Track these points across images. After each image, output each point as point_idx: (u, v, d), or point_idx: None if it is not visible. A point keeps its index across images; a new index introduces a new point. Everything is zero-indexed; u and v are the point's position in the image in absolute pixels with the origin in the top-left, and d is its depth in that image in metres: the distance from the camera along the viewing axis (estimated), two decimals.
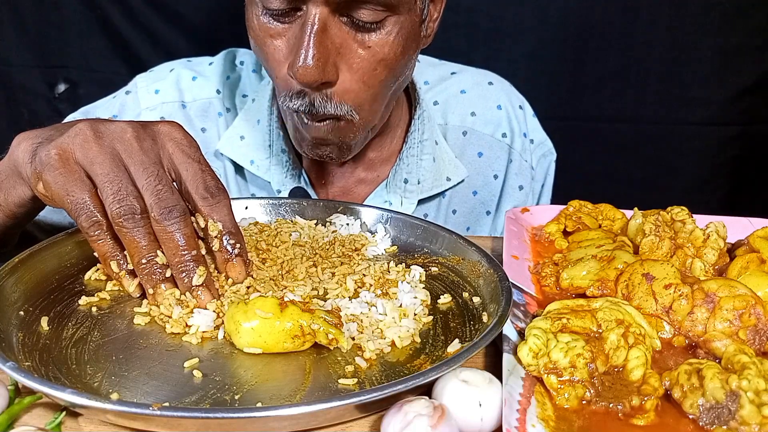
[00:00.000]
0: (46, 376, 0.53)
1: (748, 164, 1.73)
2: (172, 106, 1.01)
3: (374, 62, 0.78)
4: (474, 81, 1.09)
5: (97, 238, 0.61)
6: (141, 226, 0.60)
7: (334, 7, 0.74)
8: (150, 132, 0.63)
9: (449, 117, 1.06)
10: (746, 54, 1.62)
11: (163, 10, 1.60)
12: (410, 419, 0.46)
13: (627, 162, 1.74)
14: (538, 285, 0.71)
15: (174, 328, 0.60)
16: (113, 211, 0.59)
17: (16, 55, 1.66)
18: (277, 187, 0.98)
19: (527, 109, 1.11)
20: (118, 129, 0.62)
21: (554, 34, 1.61)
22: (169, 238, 0.60)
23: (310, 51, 0.73)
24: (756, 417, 0.48)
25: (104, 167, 0.60)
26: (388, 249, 0.79)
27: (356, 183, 1.01)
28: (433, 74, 1.08)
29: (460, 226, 1.06)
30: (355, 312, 0.62)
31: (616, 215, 0.83)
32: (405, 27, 0.79)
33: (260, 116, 0.98)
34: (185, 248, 0.61)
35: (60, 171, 0.60)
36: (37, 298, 0.64)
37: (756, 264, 0.68)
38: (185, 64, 1.06)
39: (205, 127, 1.02)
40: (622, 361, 0.54)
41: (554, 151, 1.13)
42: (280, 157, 0.97)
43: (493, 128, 1.07)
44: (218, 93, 1.02)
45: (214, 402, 0.51)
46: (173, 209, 0.60)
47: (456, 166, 1.03)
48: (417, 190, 1.00)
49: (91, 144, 0.60)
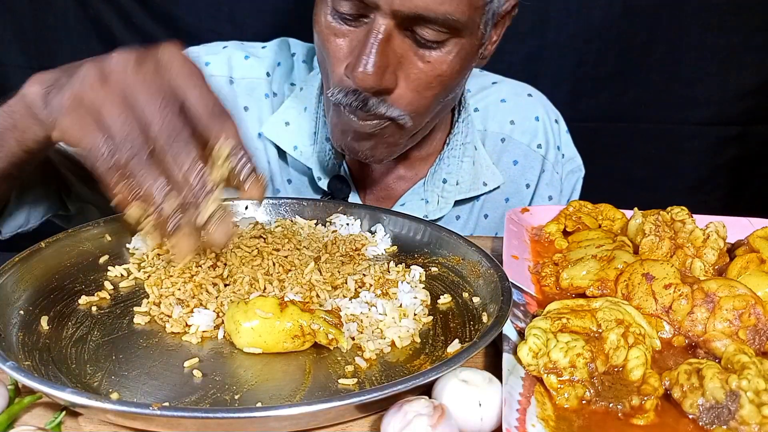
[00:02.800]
0: (46, 375, 0.53)
1: (748, 164, 1.73)
2: (220, 80, 1.03)
3: (431, 76, 0.81)
4: (514, 91, 1.12)
5: (112, 182, 0.59)
6: (152, 164, 0.58)
7: (400, 21, 0.76)
8: (152, 59, 0.62)
9: (489, 124, 1.08)
10: (746, 54, 1.62)
11: (156, 11, 1.60)
12: (410, 419, 0.46)
13: (627, 162, 1.74)
14: (538, 285, 0.71)
15: (174, 328, 0.60)
16: (123, 152, 0.58)
17: (10, 55, 1.66)
18: (317, 174, 0.99)
19: (562, 125, 1.14)
20: (120, 63, 0.61)
21: (554, 35, 1.61)
22: (176, 161, 0.58)
23: (371, 58, 0.76)
24: (756, 417, 0.48)
25: (111, 108, 0.59)
26: (388, 249, 0.79)
27: (395, 179, 1.03)
28: (474, 83, 1.10)
29: (489, 231, 1.08)
30: (355, 312, 0.62)
31: (616, 215, 0.83)
32: (465, 48, 0.81)
33: (308, 104, 1.01)
34: (192, 169, 0.58)
35: (71, 117, 0.60)
36: (37, 298, 0.64)
37: (756, 264, 0.68)
38: (239, 45, 1.08)
39: (248, 106, 1.03)
40: (622, 361, 0.54)
41: (583, 168, 1.15)
42: (323, 145, 0.99)
43: (529, 138, 1.09)
44: (267, 76, 1.04)
45: (214, 402, 0.51)
46: (179, 133, 0.58)
47: (493, 173, 1.05)
48: (455, 191, 1.02)
49: (97, 86, 0.60)
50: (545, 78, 1.62)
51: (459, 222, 1.05)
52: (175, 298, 0.63)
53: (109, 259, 0.73)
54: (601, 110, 1.68)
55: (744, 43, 1.61)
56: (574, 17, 1.59)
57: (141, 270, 0.70)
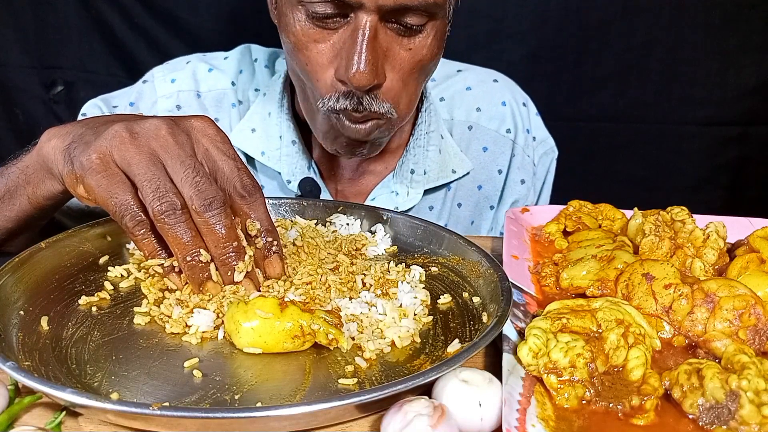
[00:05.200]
0: (46, 375, 0.53)
1: (748, 164, 1.73)
2: (188, 95, 1.04)
3: (413, 63, 0.82)
4: (479, 78, 1.12)
5: (143, 237, 0.62)
6: (183, 221, 0.60)
7: (383, 15, 0.77)
8: (184, 127, 0.64)
9: (455, 112, 1.08)
10: (746, 54, 1.62)
11: (159, 11, 1.60)
12: (410, 419, 0.46)
13: (627, 162, 1.74)
14: (538, 285, 0.71)
15: (174, 328, 0.60)
16: (154, 208, 0.59)
17: (11, 55, 1.65)
18: (287, 177, 1.00)
19: (531, 107, 1.13)
20: (152, 126, 0.63)
21: (554, 35, 1.61)
22: (211, 230, 0.61)
23: (364, 57, 0.77)
24: (756, 417, 0.48)
25: (142, 167, 0.60)
26: (388, 249, 0.79)
27: (365, 174, 1.04)
28: (439, 72, 1.10)
29: (464, 220, 1.08)
30: (355, 312, 0.62)
31: (616, 215, 0.83)
32: (440, 30, 0.83)
33: (271, 109, 1.01)
34: (227, 240, 0.61)
35: (102, 175, 0.61)
36: (37, 298, 0.64)
37: (756, 264, 0.68)
38: (201, 57, 1.09)
39: (218, 117, 1.05)
40: (622, 361, 0.54)
41: (556, 149, 1.14)
42: (290, 148, 1.00)
43: (497, 124, 1.09)
44: (233, 85, 1.06)
45: (214, 402, 0.51)
46: (213, 200, 0.60)
47: (461, 160, 1.06)
48: (423, 180, 1.02)
49: (128, 145, 0.61)
50: (544, 77, 1.62)
51: (433, 212, 1.06)
52: (175, 299, 0.63)
53: (109, 259, 0.73)
54: (600, 110, 1.68)
55: (744, 43, 1.61)
56: (574, 17, 1.59)
57: (141, 270, 0.70)
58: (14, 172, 0.73)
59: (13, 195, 0.73)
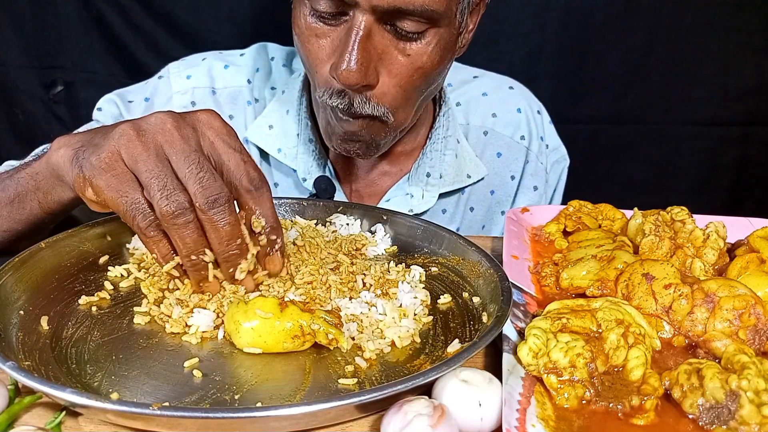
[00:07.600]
0: (46, 375, 0.53)
1: (748, 164, 1.73)
2: (203, 92, 1.05)
3: (412, 69, 0.82)
4: (495, 85, 1.13)
5: (156, 239, 0.62)
6: (190, 221, 0.60)
7: (380, 16, 0.77)
8: (189, 120, 0.64)
9: (471, 117, 1.09)
10: (747, 54, 1.62)
11: (159, 11, 1.60)
12: (410, 419, 0.46)
13: (627, 162, 1.74)
14: (538, 285, 0.71)
15: (174, 328, 0.60)
16: (162, 208, 0.59)
17: (11, 55, 1.66)
18: (302, 175, 1.00)
19: (545, 115, 1.14)
20: (158, 121, 0.62)
21: (555, 36, 1.61)
22: (214, 228, 0.61)
23: (354, 55, 0.77)
24: (756, 417, 0.48)
25: (148, 164, 0.60)
26: (388, 249, 0.79)
27: (380, 175, 1.04)
28: (456, 77, 1.11)
29: (476, 224, 1.09)
30: (355, 312, 0.62)
31: (616, 215, 0.83)
32: (444, 38, 0.82)
33: (290, 107, 1.02)
34: (230, 238, 0.61)
35: (111, 174, 0.60)
36: (37, 298, 0.64)
37: (756, 264, 0.68)
38: (217, 54, 1.09)
39: (233, 115, 1.05)
40: (622, 361, 0.54)
41: (567, 157, 1.15)
42: (307, 146, 1.00)
43: (512, 130, 1.10)
44: (249, 83, 1.06)
45: (214, 402, 0.51)
46: (217, 198, 0.60)
47: (476, 165, 1.06)
48: (439, 184, 1.02)
49: (135, 142, 0.61)
50: (545, 78, 1.62)
51: (445, 216, 1.06)
52: (175, 298, 0.63)
53: (109, 259, 0.73)
54: (601, 111, 1.68)
55: (744, 43, 1.61)
56: (574, 17, 1.59)
57: (141, 270, 0.70)
58: (24, 178, 0.73)
59: (23, 200, 0.74)
